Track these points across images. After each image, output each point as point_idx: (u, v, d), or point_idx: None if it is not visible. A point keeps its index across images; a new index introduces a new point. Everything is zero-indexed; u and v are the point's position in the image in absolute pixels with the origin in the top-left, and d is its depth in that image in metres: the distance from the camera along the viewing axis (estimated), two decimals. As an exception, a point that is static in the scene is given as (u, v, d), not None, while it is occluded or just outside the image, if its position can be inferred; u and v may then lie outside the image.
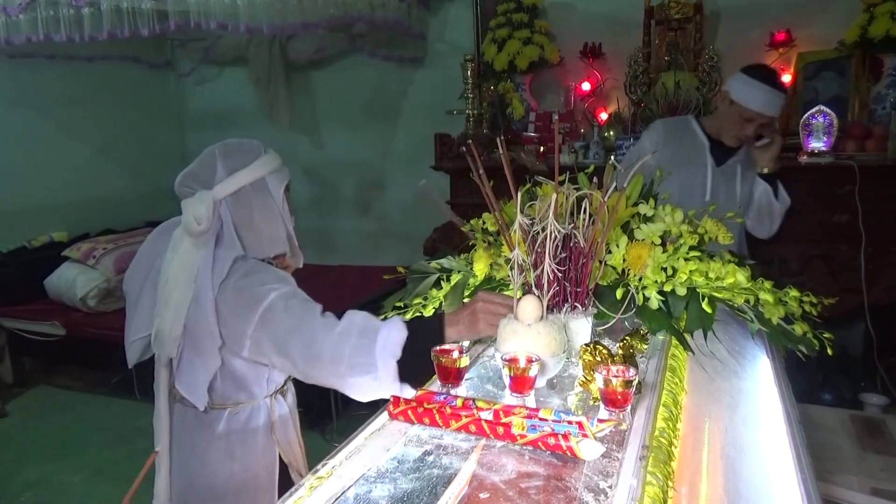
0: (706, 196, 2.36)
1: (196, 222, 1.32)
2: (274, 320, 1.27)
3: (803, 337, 1.37)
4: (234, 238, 1.39)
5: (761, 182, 2.35)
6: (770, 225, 2.40)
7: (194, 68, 5.08)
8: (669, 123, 2.51)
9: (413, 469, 0.84)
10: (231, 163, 1.43)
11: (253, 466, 1.44)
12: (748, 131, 2.27)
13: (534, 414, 0.93)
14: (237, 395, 1.39)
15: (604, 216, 1.18)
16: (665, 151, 2.36)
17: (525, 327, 1.07)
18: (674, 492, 0.83)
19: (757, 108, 2.21)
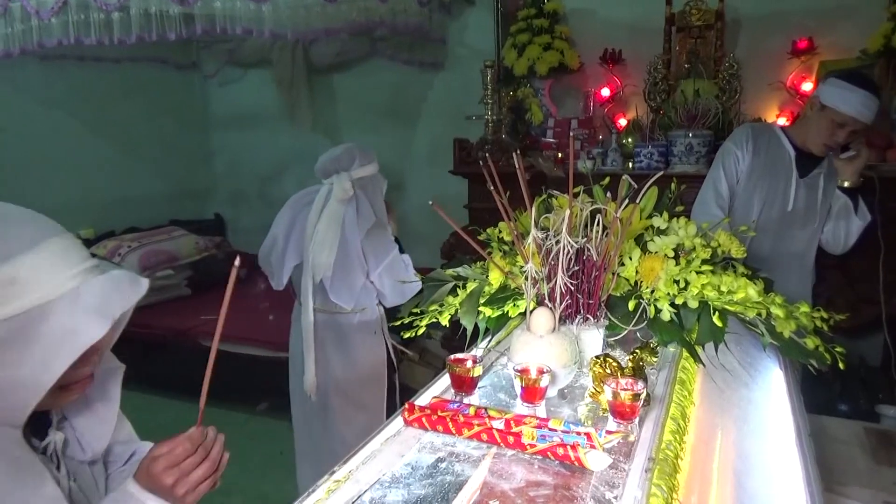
0: (788, 206, 2.34)
1: (344, 191, 2.24)
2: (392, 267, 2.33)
3: (815, 351, 1.38)
4: (368, 205, 2.28)
5: (841, 196, 2.32)
6: (846, 240, 2.37)
7: (219, 70, 5.17)
8: (757, 128, 2.47)
9: (426, 475, 0.87)
10: (364, 159, 2.33)
11: (373, 351, 2.25)
12: (839, 138, 2.22)
13: (544, 424, 0.96)
14: (364, 302, 2.17)
15: (617, 229, 1.21)
16: (752, 156, 2.35)
17: (537, 339, 1.10)
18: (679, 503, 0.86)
19: (851, 112, 2.16)
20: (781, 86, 3.44)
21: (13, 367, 0.78)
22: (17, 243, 0.81)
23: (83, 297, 0.82)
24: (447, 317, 1.55)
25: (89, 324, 0.80)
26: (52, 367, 0.79)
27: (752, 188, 2.36)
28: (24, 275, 0.79)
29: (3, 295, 0.78)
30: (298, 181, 5.24)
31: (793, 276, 2.38)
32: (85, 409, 1.00)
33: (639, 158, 3.32)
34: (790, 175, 2.33)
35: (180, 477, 0.90)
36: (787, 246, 2.38)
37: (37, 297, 0.79)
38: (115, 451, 1.12)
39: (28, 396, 0.80)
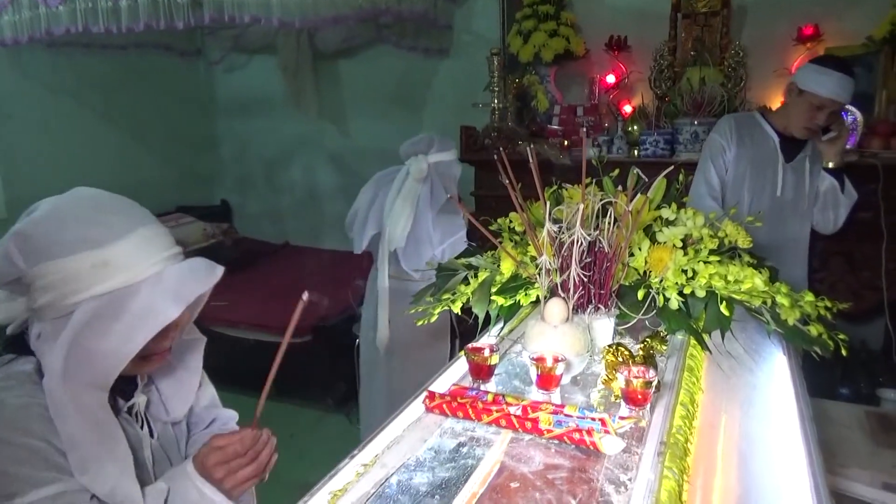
0: (777, 192, 2.40)
1: (420, 171, 2.52)
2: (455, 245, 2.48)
3: (818, 338, 1.42)
4: (441, 187, 2.53)
5: (827, 177, 2.38)
6: (835, 220, 2.44)
7: (224, 56, 5.16)
8: (739, 119, 2.52)
9: (449, 459, 0.92)
10: (441, 146, 2.59)
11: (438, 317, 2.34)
12: (819, 120, 2.28)
13: (559, 410, 1.00)
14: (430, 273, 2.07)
15: (628, 222, 1.24)
16: (737, 145, 2.41)
17: (552, 328, 1.14)
18: (689, 485, 0.90)
19: (828, 94, 2.22)
20: (787, 73, 3.44)
21: (102, 337, 0.89)
22: (111, 231, 0.92)
23: (164, 281, 0.93)
24: (459, 305, 1.59)
25: (167, 305, 0.91)
26: (134, 340, 0.90)
27: (741, 177, 2.42)
28: (115, 259, 0.90)
29: (97, 276, 0.89)
30: (304, 167, 5.29)
31: (788, 262, 2.43)
32: (168, 375, 1.12)
33: (644, 146, 3.34)
34: (776, 160, 2.40)
35: (228, 473, 0.99)
36: (782, 232, 2.43)
37: (124, 279, 0.91)
38: (197, 414, 1.25)
39: (113, 364, 0.91)
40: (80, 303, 0.90)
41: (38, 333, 0.95)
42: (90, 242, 0.91)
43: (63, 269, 0.90)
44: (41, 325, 0.95)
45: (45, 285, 0.91)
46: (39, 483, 0.87)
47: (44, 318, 0.94)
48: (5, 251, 0.92)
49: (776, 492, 1.12)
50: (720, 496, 0.98)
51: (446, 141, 2.68)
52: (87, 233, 0.92)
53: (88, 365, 0.90)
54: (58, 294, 0.91)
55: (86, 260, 0.90)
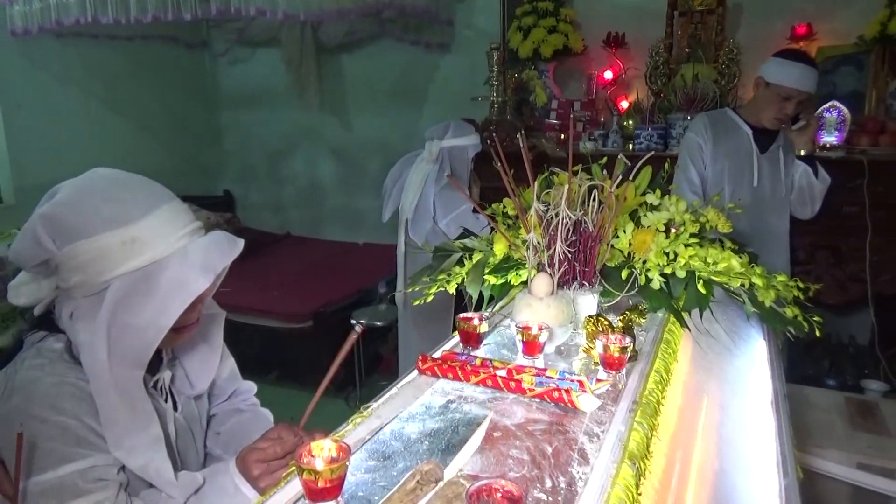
0: (754, 182, 2.50)
1: (430, 153, 2.76)
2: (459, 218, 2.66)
3: (794, 319, 1.50)
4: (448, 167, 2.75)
5: (800, 164, 2.49)
6: (812, 205, 2.54)
7: (229, 48, 5.25)
8: (712, 117, 2.64)
9: (438, 413, 1.00)
10: (456, 132, 2.79)
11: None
12: (787, 110, 2.40)
13: (542, 373, 1.08)
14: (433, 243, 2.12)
15: (611, 203, 1.33)
16: (713, 141, 2.52)
17: (538, 300, 1.22)
18: (658, 439, 0.98)
19: (793, 84, 2.35)
20: (780, 71, 3.53)
21: (139, 312, 0.93)
22: (136, 209, 0.95)
23: (190, 254, 0.96)
24: (454, 286, 1.67)
25: (197, 276, 0.95)
26: (169, 312, 0.94)
27: (720, 171, 2.53)
28: (143, 235, 0.94)
29: (126, 253, 0.93)
30: (306, 159, 5.38)
31: (770, 252, 2.53)
32: (192, 350, 1.17)
33: (638, 140, 3.42)
34: (751, 152, 2.51)
35: (265, 472, 1.04)
36: (763, 223, 2.53)
37: (153, 255, 0.94)
38: (218, 385, 1.31)
39: (151, 337, 0.94)
40: (111, 280, 0.93)
41: (71, 312, 0.98)
42: (118, 220, 0.94)
43: (93, 248, 0.92)
44: (73, 303, 0.97)
45: (76, 265, 0.93)
46: (69, 458, 0.91)
47: (76, 296, 0.96)
48: (34, 234, 0.95)
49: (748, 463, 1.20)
50: (698, 469, 1.07)
51: (463, 127, 2.88)
52: (114, 211, 0.95)
53: (129, 339, 0.94)
54: (90, 273, 0.93)
55: (115, 238, 0.93)
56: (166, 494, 1.04)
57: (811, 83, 2.37)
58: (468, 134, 2.87)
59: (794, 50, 2.49)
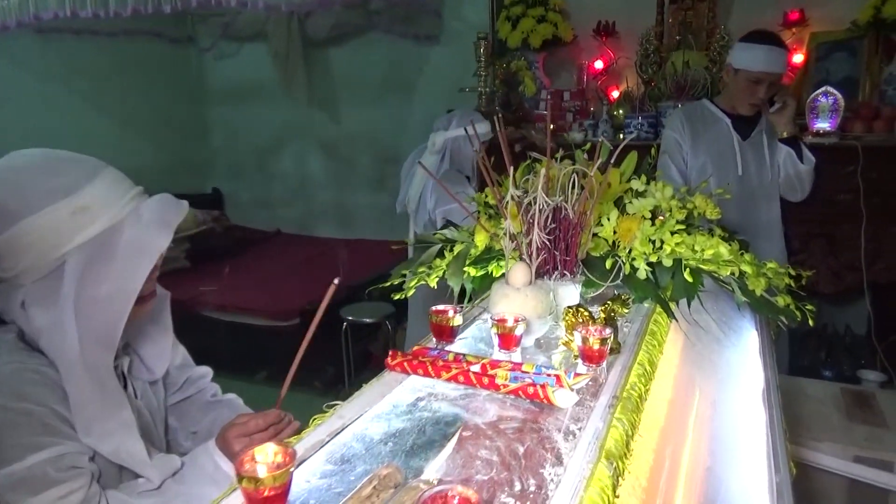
0: (738, 171, 2.44)
1: (433, 144, 2.79)
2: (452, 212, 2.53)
3: (786, 308, 1.44)
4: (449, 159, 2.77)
5: (783, 147, 2.43)
6: (801, 187, 2.47)
7: (214, 43, 5.18)
8: (686, 109, 2.59)
9: (406, 412, 0.94)
10: (460, 122, 2.73)
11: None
12: (760, 94, 2.34)
13: (517, 367, 1.03)
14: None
15: (592, 189, 1.26)
16: (691, 135, 2.46)
17: (514, 290, 1.16)
18: (640, 437, 0.93)
19: (760, 67, 2.30)
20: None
21: (103, 282, 0.89)
22: (78, 178, 0.91)
23: (144, 214, 0.94)
24: (435, 279, 1.61)
25: (156, 234, 0.93)
26: (136, 275, 0.91)
27: (702, 164, 2.47)
28: (91, 203, 0.90)
29: (78, 222, 0.89)
30: (296, 155, 5.31)
31: (764, 242, 2.47)
32: (144, 335, 1.12)
33: (629, 129, 3.36)
34: (731, 140, 2.45)
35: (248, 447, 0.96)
36: (753, 213, 2.48)
37: (107, 220, 0.91)
38: (172, 374, 1.25)
39: (120, 307, 0.91)
40: (65, 255, 0.89)
41: (21, 301, 0.92)
42: (63, 191, 0.89)
43: (41, 224, 0.88)
44: (21, 291, 0.92)
45: (23, 246, 0.88)
46: (37, 446, 0.87)
47: (24, 282, 0.91)
48: None
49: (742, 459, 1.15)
50: (688, 466, 1.01)
51: (466, 118, 2.81)
52: (56, 183, 0.90)
53: (98, 314, 0.90)
54: (38, 252, 0.88)
55: (63, 209, 0.88)
56: (143, 480, 0.99)
57: (779, 63, 2.32)
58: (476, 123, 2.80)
59: (758, 32, 2.41)
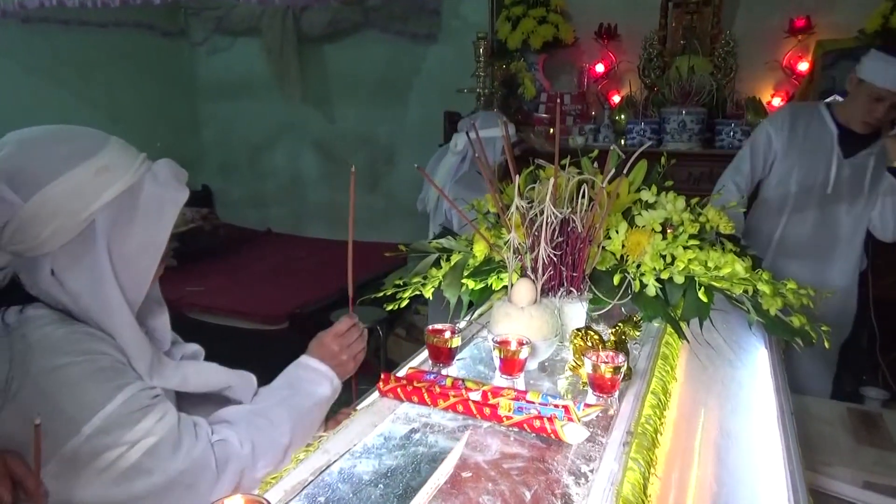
0: (828, 189, 2.24)
1: (455, 145, 2.69)
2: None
3: (801, 329, 1.36)
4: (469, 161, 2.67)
5: (888, 176, 2.19)
6: (894, 226, 2.23)
7: (207, 38, 5.05)
8: (798, 108, 2.38)
9: (399, 446, 0.85)
10: (483, 123, 2.53)
11: None
12: (878, 113, 2.12)
13: (521, 396, 0.94)
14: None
15: (602, 201, 1.18)
16: (788, 136, 2.27)
17: (518, 310, 1.07)
18: (657, 478, 0.84)
19: (886, 84, 2.06)
20: (777, 65, 3.40)
21: (131, 239, 0.93)
22: (94, 141, 0.94)
23: (158, 174, 0.97)
24: (430, 289, 1.52)
25: (175, 189, 0.97)
26: (162, 228, 0.95)
27: (789, 169, 2.28)
28: (110, 164, 0.92)
29: (102, 182, 0.91)
30: (288, 153, 5.20)
31: (836, 261, 2.30)
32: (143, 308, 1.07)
33: (631, 135, 3.28)
34: (831, 155, 2.22)
35: (343, 346, 1.15)
36: (830, 229, 2.29)
37: (128, 179, 0.93)
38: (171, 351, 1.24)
39: (151, 259, 0.95)
40: (92, 215, 0.90)
41: (50, 270, 0.91)
42: (83, 153, 0.91)
43: (67, 187, 0.89)
44: (47, 260, 0.91)
45: (49, 211, 0.88)
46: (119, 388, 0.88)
47: (51, 249, 0.90)
48: None
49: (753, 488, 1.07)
50: (695, 492, 0.92)
51: (491, 119, 2.70)
52: (74, 148, 0.92)
53: (130, 268, 0.93)
54: (66, 214, 0.89)
55: (87, 170, 0.90)
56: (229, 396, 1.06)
57: None
58: (492, 126, 2.66)
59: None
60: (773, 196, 2.32)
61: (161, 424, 0.87)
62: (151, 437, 0.85)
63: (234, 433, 0.94)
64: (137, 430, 0.85)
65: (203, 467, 0.88)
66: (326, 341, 1.15)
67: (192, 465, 0.87)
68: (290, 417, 0.99)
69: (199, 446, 0.89)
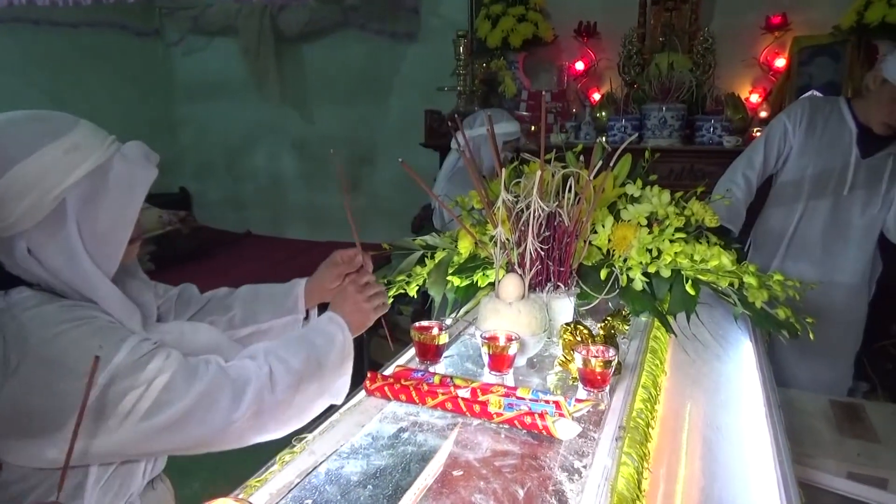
0: (845, 189, 2.17)
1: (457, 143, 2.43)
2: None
3: (786, 321, 1.36)
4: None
5: None
6: None
7: (183, 38, 4.98)
8: (817, 102, 2.28)
9: (387, 446, 0.83)
10: (478, 121, 2.59)
11: None
12: None
13: (511, 392, 0.92)
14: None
15: (589, 195, 1.16)
16: (806, 130, 2.19)
17: (506, 305, 1.05)
18: (649, 472, 0.83)
19: None
20: (755, 61, 3.43)
21: (101, 213, 0.93)
22: (64, 122, 0.94)
23: (127, 154, 0.97)
24: (415, 287, 1.50)
25: (144, 168, 0.97)
26: (131, 205, 0.96)
27: (804, 166, 2.22)
28: (81, 141, 0.93)
29: (72, 160, 0.91)
30: (267, 154, 5.14)
31: (849, 261, 2.26)
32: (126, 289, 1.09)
33: (612, 132, 3.29)
34: (849, 154, 2.16)
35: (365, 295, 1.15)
36: (844, 229, 2.24)
37: (98, 157, 0.93)
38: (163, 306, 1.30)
39: (121, 235, 0.96)
40: (63, 192, 0.91)
41: (27, 249, 0.92)
42: (52, 133, 0.92)
43: (38, 165, 0.90)
44: (22, 239, 0.92)
45: (19, 191, 0.89)
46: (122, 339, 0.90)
47: (24, 227, 0.91)
48: None
49: (742, 481, 1.06)
50: (684, 486, 0.91)
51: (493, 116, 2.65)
52: (44, 128, 0.93)
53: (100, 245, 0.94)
54: (38, 192, 0.90)
55: (57, 149, 0.91)
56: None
57: None
58: (496, 122, 2.61)
59: None
60: (786, 193, 2.27)
61: (169, 361, 0.90)
62: (164, 373, 0.88)
63: (251, 359, 0.98)
64: (149, 370, 0.88)
65: (219, 387, 0.91)
66: (350, 290, 1.17)
67: (209, 386, 0.90)
68: (304, 349, 1.02)
69: (211, 369, 0.93)
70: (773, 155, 2.26)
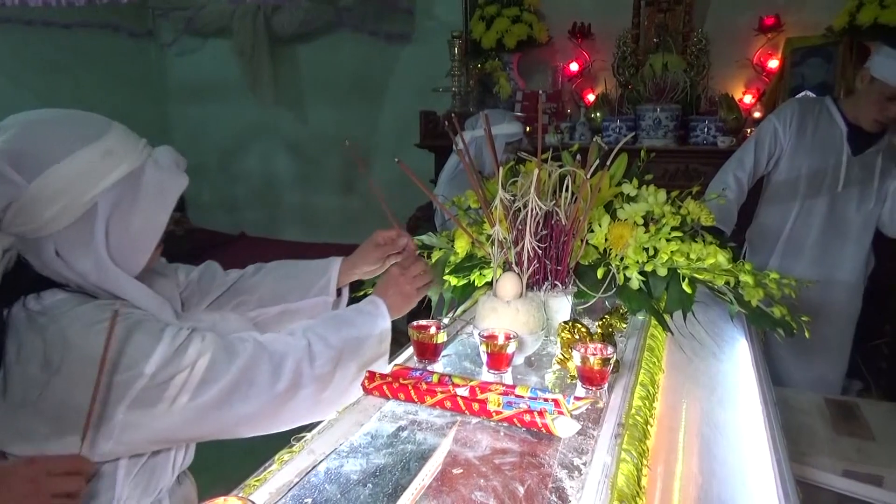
0: (839, 187, 2.19)
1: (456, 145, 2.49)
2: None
3: (782, 319, 1.37)
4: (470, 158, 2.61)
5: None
6: None
7: (176, 39, 4.97)
8: (805, 102, 2.30)
9: (386, 444, 0.83)
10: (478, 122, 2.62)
11: None
12: (890, 112, 2.04)
13: (510, 390, 0.92)
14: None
15: (586, 194, 1.17)
16: (797, 132, 2.21)
17: (504, 304, 1.05)
18: (648, 470, 0.83)
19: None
20: (748, 62, 3.45)
21: (132, 217, 0.94)
22: (98, 126, 0.94)
23: (159, 160, 0.98)
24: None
25: (175, 175, 0.98)
26: (162, 211, 0.96)
27: (798, 166, 2.24)
28: (115, 147, 0.93)
29: (107, 165, 0.92)
30: (261, 155, 5.13)
31: (847, 258, 2.27)
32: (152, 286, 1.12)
33: (607, 132, 3.30)
34: (841, 152, 2.18)
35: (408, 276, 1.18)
36: (841, 226, 2.26)
37: (129, 163, 0.94)
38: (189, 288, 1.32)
39: (150, 239, 0.96)
40: (95, 198, 0.91)
41: (55, 251, 0.92)
42: (88, 137, 0.92)
43: (72, 168, 0.89)
44: (50, 241, 0.92)
45: (54, 192, 0.89)
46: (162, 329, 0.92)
47: (53, 230, 0.91)
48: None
49: (739, 478, 1.06)
50: (681, 483, 0.91)
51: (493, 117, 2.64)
52: (80, 130, 0.92)
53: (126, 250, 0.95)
54: (70, 196, 0.90)
55: (93, 152, 0.91)
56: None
57: None
58: (497, 123, 2.62)
59: None
60: (781, 193, 2.28)
61: (206, 343, 0.92)
62: (204, 355, 0.91)
63: (289, 335, 1.01)
64: (190, 353, 0.90)
65: (258, 360, 0.93)
66: (394, 272, 1.20)
67: (248, 360, 0.93)
68: (344, 328, 1.04)
69: (248, 345, 0.95)
70: (763, 156, 2.27)
